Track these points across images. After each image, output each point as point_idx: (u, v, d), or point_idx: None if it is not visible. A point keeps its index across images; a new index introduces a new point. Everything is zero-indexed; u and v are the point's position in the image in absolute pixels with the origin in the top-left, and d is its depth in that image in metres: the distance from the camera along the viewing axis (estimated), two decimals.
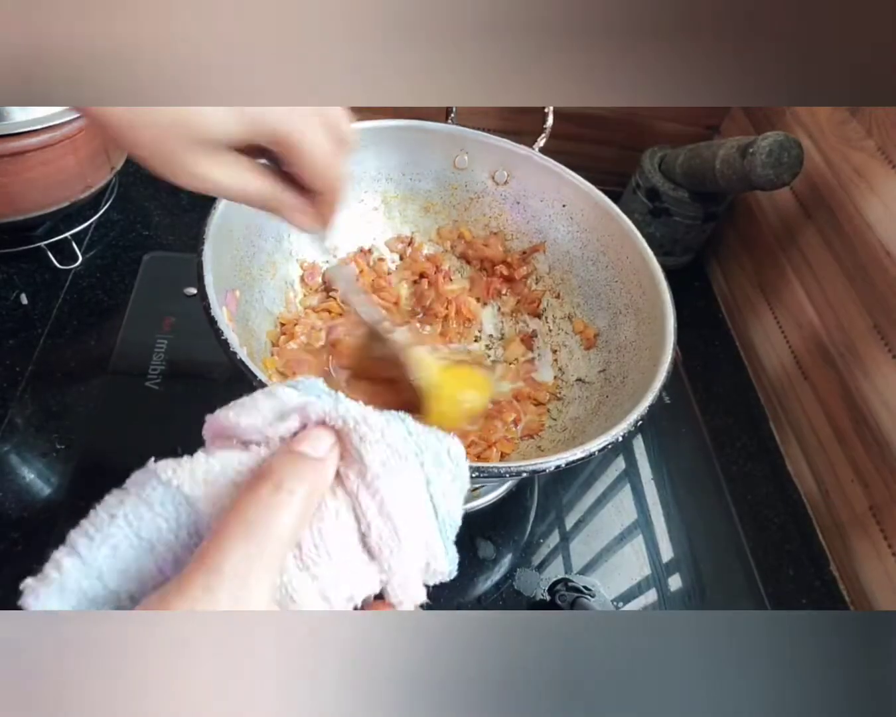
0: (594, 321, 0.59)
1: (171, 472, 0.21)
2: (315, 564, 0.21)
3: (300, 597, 0.20)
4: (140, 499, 0.21)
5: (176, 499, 0.21)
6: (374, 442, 0.22)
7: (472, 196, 0.64)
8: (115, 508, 0.21)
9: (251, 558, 0.18)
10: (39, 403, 0.54)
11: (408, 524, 0.22)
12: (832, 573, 0.59)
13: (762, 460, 0.66)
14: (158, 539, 0.20)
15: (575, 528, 0.56)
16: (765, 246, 0.74)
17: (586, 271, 0.60)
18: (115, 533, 0.20)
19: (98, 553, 0.20)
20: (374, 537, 0.21)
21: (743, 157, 0.61)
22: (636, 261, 0.55)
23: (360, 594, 0.22)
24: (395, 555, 0.22)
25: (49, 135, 0.55)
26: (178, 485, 0.21)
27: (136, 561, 0.20)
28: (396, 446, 0.22)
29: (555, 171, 0.60)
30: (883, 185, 0.58)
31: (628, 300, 0.56)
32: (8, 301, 0.61)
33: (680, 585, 0.55)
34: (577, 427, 0.52)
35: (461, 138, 0.61)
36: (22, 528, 0.47)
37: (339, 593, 0.21)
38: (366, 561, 0.22)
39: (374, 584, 0.22)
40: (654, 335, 0.50)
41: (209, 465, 0.22)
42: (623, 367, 0.53)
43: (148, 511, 0.21)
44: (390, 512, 0.21)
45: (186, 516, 0.21)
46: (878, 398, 0.56)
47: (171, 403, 0.56)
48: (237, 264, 0.50)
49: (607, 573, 0.54)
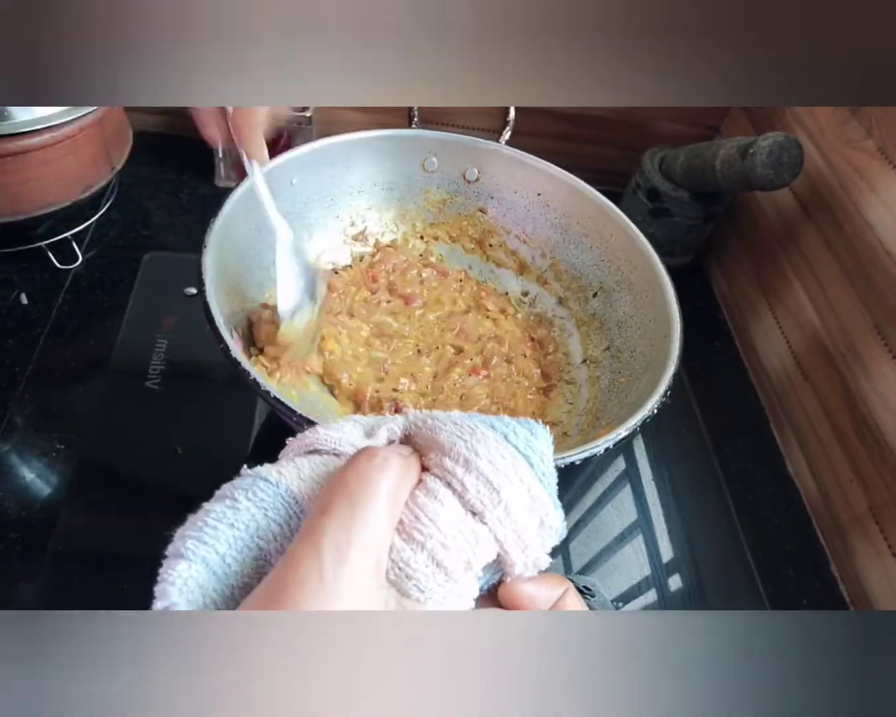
0: (587, 303, 0.59)
1: (276, 473, 0.22)
2: (420, 532, 0.20)
3: (413, 568, 0.20)
4: (252, 503, 0.21)
5: (286, 499, 0.21)
6: (444, 422, 0.23)
7: (445, 197, 0.64)
8: (231, 516, 0.21)
9: (349, 525, 0.19)
10: (39, 403, 0.54)
11: (499, 474, 0.21)
12: (832, 574, 0.59)
13: (762, 460, 0.66)
14: (273, 545, 0.21)
15: (575, 528, 0.56)
16: (765, 246, 0.74)
17: (570, 255, 0.60)
18: (237, 543, 0.20)
19: (222, 562, 0.20)
20: (473, 496, 0.21)
21: (743, 157, 0.61)
22: (620, 238, 0.56)
23: (479, 560, 0.21)
24: (498, 507, 0.21)
25: (49, 135, 0.56)
26: (287, 485, 0.21)
27: (255, 564, 0.20)
28: (464, 422, 0.23)
29: (524, 161, 0.61)
30: (883, 185, 0.58)
31: (619, 277, 0.56)
32: (8, 301, 0.61)
33: (680, 585, 0.55)
34: (598, 407, 0.53)
35: (427, 141, 0.61)
36: (22, 528, 0.47)
37: (454, 558, 0.20)
38: (474, 525, 0.21)
39: (490, 547, 0.21)
40: (656, 306, 0.51)
41: (313, 463, 0.22)
42: (628, 342, 0.54)
43: (263, 517, 0.21)
44: (479, 467, 0.21)
45: (297, 517, 0.21)
46: (879, 399, 0.56)
47: (170, 403, 0.56)
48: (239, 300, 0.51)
49: (607, 573, 0.54)
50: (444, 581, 0.20)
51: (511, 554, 0.22)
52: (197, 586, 0.19)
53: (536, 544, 0.22)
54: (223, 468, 0.58)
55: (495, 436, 0.22)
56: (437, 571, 0.20)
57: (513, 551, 0.22)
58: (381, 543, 0.19)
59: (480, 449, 0.22)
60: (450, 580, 0.20)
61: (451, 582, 0.20)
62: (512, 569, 0.22)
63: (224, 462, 0.53)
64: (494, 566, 0.22)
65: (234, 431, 0.55)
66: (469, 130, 0.61)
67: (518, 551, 0.22)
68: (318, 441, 0.24)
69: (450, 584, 0.20)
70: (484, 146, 0.61)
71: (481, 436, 0.22)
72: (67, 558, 0.46)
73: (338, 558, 0.18)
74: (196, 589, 0.19)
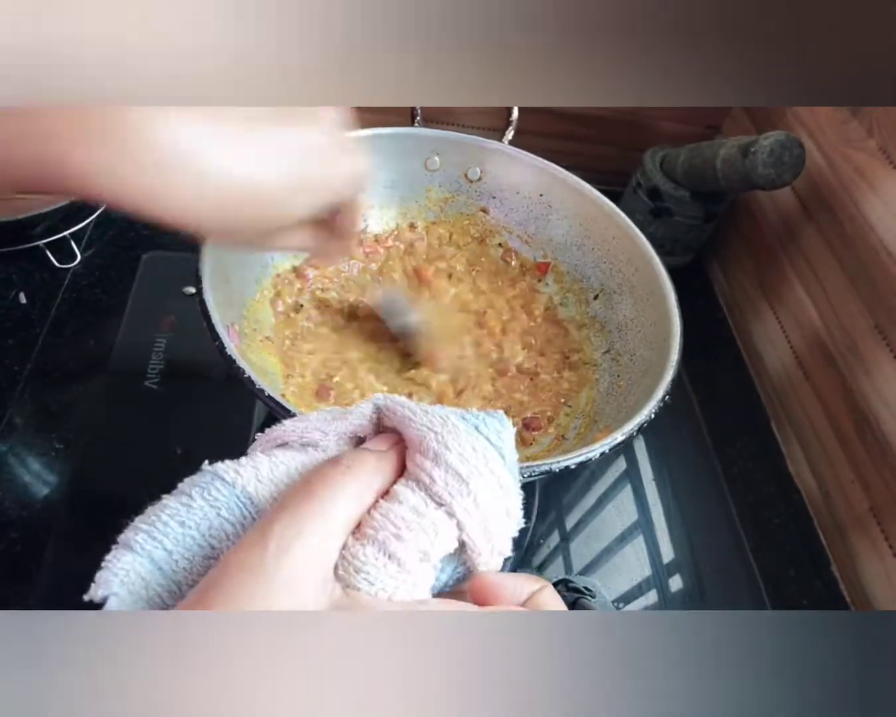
0: (588, 305, 0.59)
1: (233, 473, 0.21)
2: (371, 527, 0.20)
3: (361, 561, 0.20)
4: (206, 503, 0.21)
5: (241, 500, 0.21)
6: (414, 412, 0.23)
7: (447, 196, 0.64)
8: (184, 513, 0.21)
9: (301, 518, 0.19)
10: (38, 402, 0.54)
11: (468, 466, 0.21)
12: (833, 574, 0.59)
13: (763, 460, 0.66)
14: (225, 544, 0.21)
15: (575, 528, 0.56)
16: (766, 246, 0.74)
17: (572, 256, 0.60)
18: (186, 540, 0.20)
19: (170, 559, 0.20)
20: (440, 487, 0.21)
21: (744, 156, 0.61)
22: (623, 240, 0.56)
23: (437, 550, 0.21)
24: (466, 499, 0.21)
25: None
26: (243, 485, 0.21)
27: (206, 562, 0.20)
28: (435, 412, 0.23)
29: (528, 161, 0.60)
30: (884, 185, 0.58)
31: (621, 279, 0.56)
32: (6, 300, 0.61)
33: (680, 585, 0.55)
34: (596, 410, 0.53)
35: (429, 140, 0.61)
36: (21, 528, 0.47)
37: (408, 549, 0.20)
38: (435, 516, 0.21)
39: (451, 537, 0.21)
40: (657, 309, 0.51)
41: (273, 463, 0.22)
42: (628, 345, 0.54)
43: (216, 516, 0.21)
44: (448, 461, 0.21)
45: (252, 518, 0.21)
46: (880, 398, 0.56)
47: (170, 402, 0.56)
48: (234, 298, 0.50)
49: (608, 574, 0.54)
50: (396, 572, 0.20)
51: (477, 544, 0.21)
52: (139, 578, 0.20)
53: (502, 534, 0.22)
54: None
55: (466, 426, 0.22)
56: (388, 562, 0.20)
57: (479, 541, 0.21)
58: (330, 540, 0.20)
59: (451, 442, 0.21)
60: (402, 571, 0.20)
61: (403, 573, 0.20)
62: (477, 558, 0.22)
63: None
64: (458, 559, 0.22)
65: (234, 430, 0.55)
66: (472, 130, 0.60)
67: (484, 541, 0.22)
68: (286, 433, 0.23)
69: (403, 575, 0.20)
70: (487, 146, 0.61)
71: (452, 427, 0.22)
72: (67, 559, 0.46)
73: (281, 546, 0.18)
74: (138, 581, 0.20)
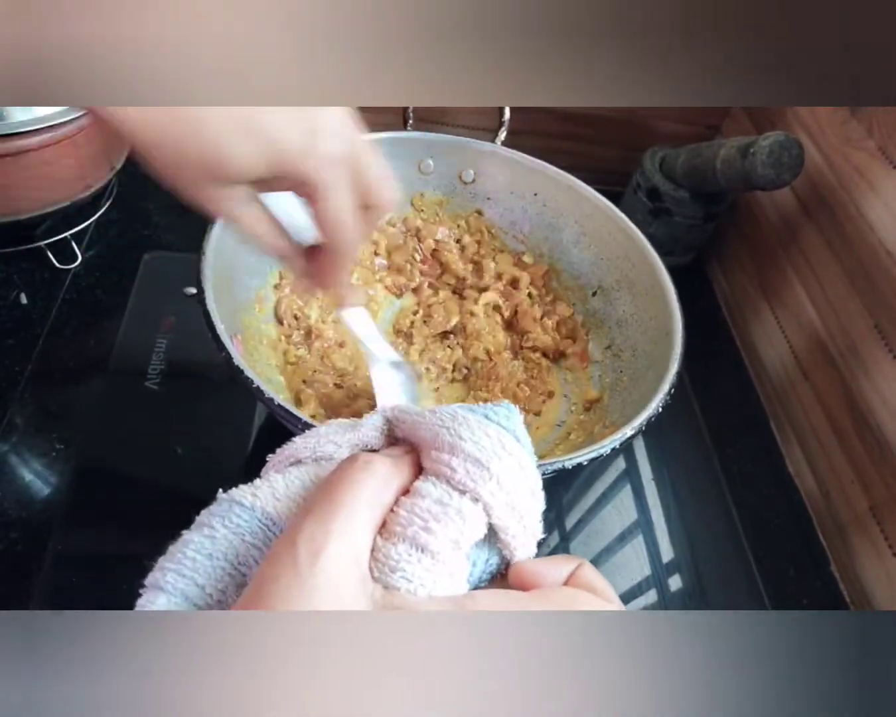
0: (586, 302, 0.59)
1: (251, 496, 0.22)
2: (399, 525, 0.20)
3: (395, 560, 0.19)
4: (229, 530, 0.21)
5: (263, 522, 0.21)
6: (423, 415, 0.23)
7: (441, 199, 0.64)
8: (209, 545, 0.21)
9: (326, 521, 0.19)
10: (39, 403, 0.54)
11: (486, 451, 0.21)
12: (832, 574, 0.59)
13: (763, 460, 0.66)
14: (255, 569, 0.21)
15: (575, 528, 0.56)
16: (766, 246, 0.74)
17: (569, 254, 0.60)
18: (216, 572, 0.20)
19: (203, 593, 0.20)
20: (461, 475, 0.21)
21: (744, 157, 0.61)
22: (619, 237, 0.56)
23: (468, 537, 0.21)
24: (490, 482, 0.21)
25: (49, 135, 0.55)
26: (262, 507, 0.21)
27: (239, 591, 0.20)
28: (443, 411, 0.23)
29: (521, 161, 0.60)
30: (883, 185, 0.58)
31: (619, 276, 0.56)
32: (7, 301, 0.61)
33: (680, 585, 0.55)
34: (600, 406, 0.53)
35: (423, 142, 0.61)
36: (21, 528, 0.47)
37: (440, 539, 0.20)
38: (460, 503, 0.21)
39: (480, 523, 0.21)
40: (656, 303, 0.51)
41: (288, 481, 0.22)
42: (629, 340, 0.54)
43: (241, 543, 0.21)
44: (464, 449, 0.21)
45: (276, 537, 0.21)
46: (879, 398, 0.56)
47: (170, 403, 0.56)
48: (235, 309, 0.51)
49: (608, 574, 0.53)
50: (431, 565, 0.20)
51: (510, 527, 0.21)
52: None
53: (531, 514, 0.22)
54: (223, 468, 0.58)
55: (475, 417, 0.22)
56: (422, 556, 0.20)
57: (510, 522, 0.21)
58: (359, 538, 0.19)
59: (464, 432, 0.22)
60: (437, 563, 0.20)
61: (438, 564, 0.20)
62: (512, 541, 0.22)
63: (224, 462, 0.53)
64: (489, 549, 0.22)
65: (234, 431, 0.55)
66: (464, 130, 0.61)
67: (515, 522, 0.21)
68: (297, 451, 0.24)
69: (438, 567, 0.20)
70: (480, 147, 0.61)
71: (462, 419, 0.22)
72: (67, 558, 0.46)
73: (313, 550, 0.18)
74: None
